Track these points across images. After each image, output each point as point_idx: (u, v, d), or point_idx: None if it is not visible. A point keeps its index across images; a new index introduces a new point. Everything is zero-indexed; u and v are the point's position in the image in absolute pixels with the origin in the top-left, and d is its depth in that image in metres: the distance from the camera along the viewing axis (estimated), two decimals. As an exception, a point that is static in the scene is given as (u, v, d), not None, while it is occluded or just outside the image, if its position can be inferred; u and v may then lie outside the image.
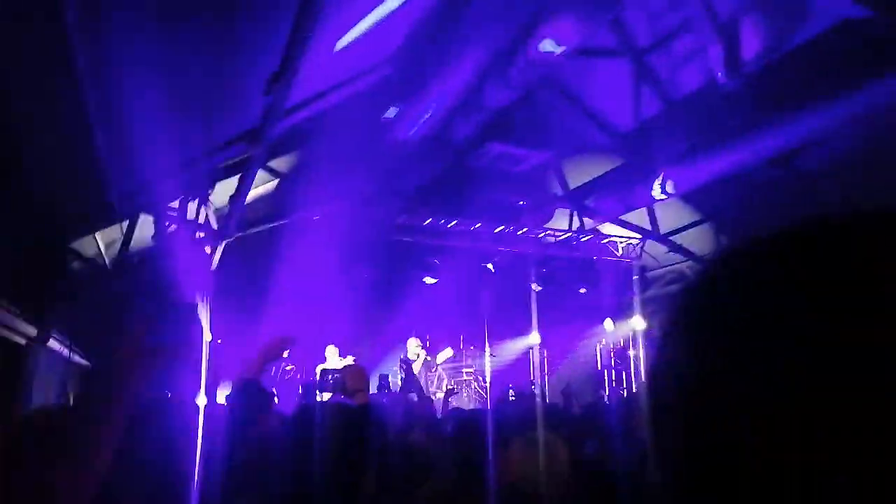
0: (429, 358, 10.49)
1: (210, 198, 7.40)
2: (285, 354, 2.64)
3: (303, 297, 9.14)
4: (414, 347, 9.87)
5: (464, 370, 12.93)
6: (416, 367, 9.90)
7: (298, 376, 9.98)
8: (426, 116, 7.09)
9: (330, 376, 6.33)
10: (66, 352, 7.63)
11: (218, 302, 7.23)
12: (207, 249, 7.39)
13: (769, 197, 8.24)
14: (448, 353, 11.06)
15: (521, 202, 10.12)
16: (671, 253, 10.80)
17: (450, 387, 8.63)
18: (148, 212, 7.14)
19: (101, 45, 4.68)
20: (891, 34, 5.82)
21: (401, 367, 10.06)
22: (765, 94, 6.97)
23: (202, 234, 7.36)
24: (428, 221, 9.76)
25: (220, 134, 6.69)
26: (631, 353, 12.38)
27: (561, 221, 10.62)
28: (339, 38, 6.00)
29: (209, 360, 6.77)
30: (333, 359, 9.34)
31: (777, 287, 0.47)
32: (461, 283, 10.92)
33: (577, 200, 9.93)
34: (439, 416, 7.52)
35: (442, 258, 10.40)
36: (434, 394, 10.11)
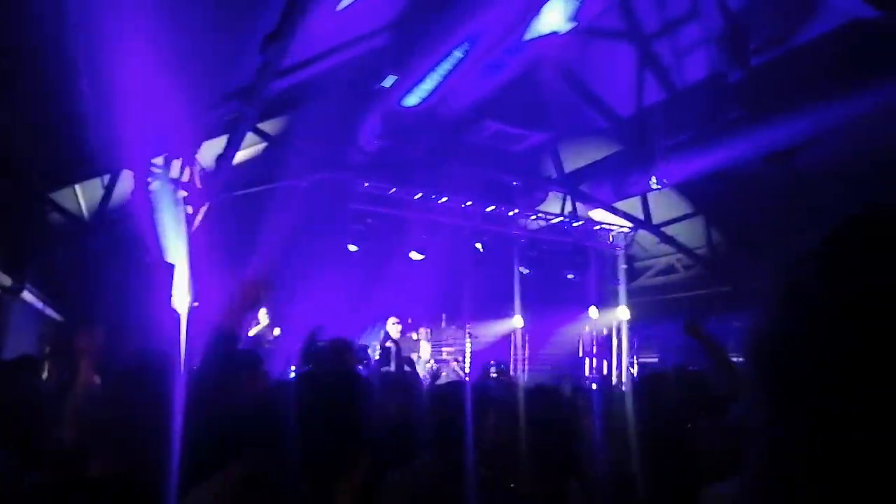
0: (413, 335, 10.41)
1: (196, 156, 7.20)
2: (261, 303, 2.41)
3: (285, 265, 8.98)
4: (392, 326, 9.79)
5: (444, 349, 12.88)
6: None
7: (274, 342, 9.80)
8: (424, 87, 6.91)
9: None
10: (39, 304, 7.45)
11: (198, 264, 7.07)
12: (189, 209, 7.21)
13: (762, 194, 8.19)
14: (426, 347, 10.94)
15: (515, 182, 9.99)
16: (661, 244, 10.75)
17: (433, 367, 8.56)
18: (130, 167, 6.93)
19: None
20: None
21: (382, 343, 9.96)
22: (769, 88, 6.87)
23: (185, 194, 7.17)
24: (418, 196, 9.62)
25: (211, 90, 6.49)
26: (614, 342, 12.39)
27: (553, 205, 10.52)
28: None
29: (188, 323, 6.63)
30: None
31: None
32: (447, 260, 10.80)
33: (572, 184, 9.82)
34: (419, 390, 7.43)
35: (430, 234, 10.27)
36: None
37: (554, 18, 6.04)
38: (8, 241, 6.56)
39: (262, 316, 9.49)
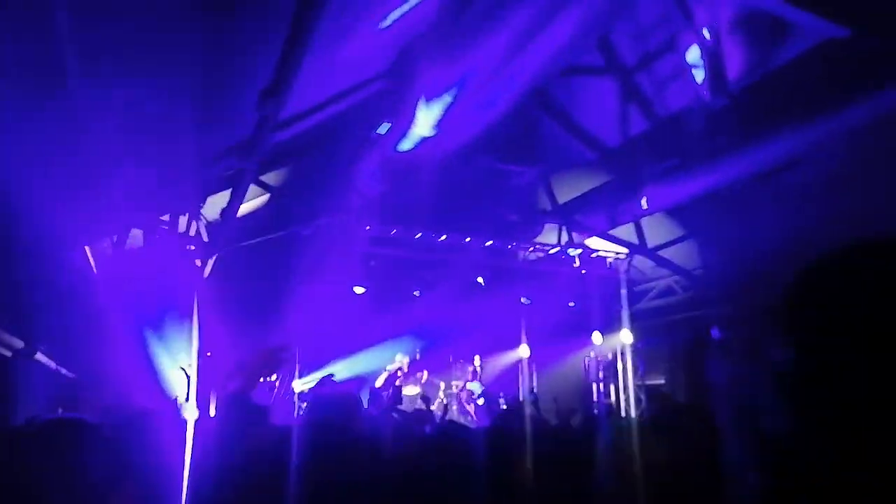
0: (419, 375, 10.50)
1: (201, 211, 7.41)
2: (278, 367, 2.49)
3: (294, 310, 9.12)
4: (398, 362, 9.87)
5: (452, 383, 12.92)
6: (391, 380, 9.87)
7: (283, 389, 9.86)
8: (417, 132, 7.16)
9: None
10: (53, 365, 7.56)
11: (209, 314, 7.21)
12: (198, 262, 7.39)
13: (752, 214, 8.38)
14: (416, 390, 10.93)
15: (511, 217, 10.21)
16: (658, 267, 10.91)
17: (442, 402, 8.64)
18: (138, 225, 7.13)
19: (92, 53, 4.71)
20: (870, 53, 5.97)
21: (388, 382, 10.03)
22: (749, 112, 7.11)
23: (192, 247, 7.36)
24: (418, 235, 9.82)
25: (211, 146, 6.71)
26: (619, 366, 12.44)
27: (550, 236, 10.71)
28: (334, 51, 6.07)
29: (199, 373, 6.75)
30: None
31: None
32: (451, 296, 10.96)
33: (566, 215, 10.03)
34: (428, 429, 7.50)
35: (432, 272, 10.45)
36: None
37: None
38: (19, 304, 6.68)
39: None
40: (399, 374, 9.34)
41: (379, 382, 9.26)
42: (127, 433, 2.11)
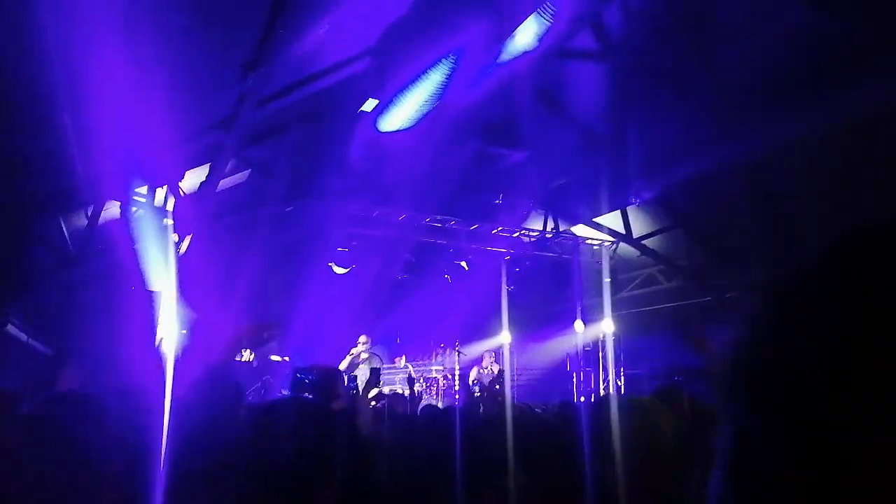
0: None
1: (179, 184, 7.25)
2: (262, 344, 2.43)
3: (271, 288, 9.01)
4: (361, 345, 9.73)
5: (433, 368, 12.89)
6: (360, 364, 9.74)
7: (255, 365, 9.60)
8: (404, 110, 7.04)
9: None
10: (24, 337, 7.42)
11: (186, 290, 7.08)
12: (175, 237, 7.24)
13: (736, 207, 8.37)
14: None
15: (497, 201, 10.13)
16: (642, 257, 10.90)
17: (419, 389, 8.56)
18: (114, 197, 6.97)
19: (68, 25, 4.55)
20: (857, 44, 5.93)
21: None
22: (738, 102, 7.05)
23: (171, 222, 7.21)
24: (402, 217, 9.71)
25: (192, 120, 6.56)
26: (600, 354, 12.46)
27: (536, 222, 10.65)
28: (317, 27, 5.93)
29: (176, 350, 6.62)
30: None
31: None
32: (433, 279, 10.89)
33: (553, 201, 9.96)
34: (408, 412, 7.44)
35: (415, 254, 10.36)
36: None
37: (525, 38, 6.21)
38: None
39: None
40: (362, 356, 9.19)
41: (343, 365, 9.13)
42: (110, 406, 2.03)
